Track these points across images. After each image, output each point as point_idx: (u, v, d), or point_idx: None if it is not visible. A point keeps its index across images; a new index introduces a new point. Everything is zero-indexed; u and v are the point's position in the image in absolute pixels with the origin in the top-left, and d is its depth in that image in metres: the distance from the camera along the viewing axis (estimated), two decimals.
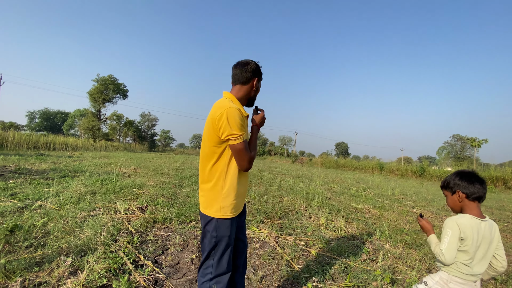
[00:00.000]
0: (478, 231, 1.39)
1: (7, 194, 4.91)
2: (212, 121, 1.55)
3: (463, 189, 1.47)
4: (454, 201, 1.52)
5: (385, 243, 3.87)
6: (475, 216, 1.42)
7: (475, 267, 1.41)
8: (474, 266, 1.41)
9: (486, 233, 1.41)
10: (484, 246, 1.41)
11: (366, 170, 25.74)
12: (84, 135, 39.33)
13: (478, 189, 1.43)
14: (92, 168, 9.77)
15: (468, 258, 1.40)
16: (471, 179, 1.47)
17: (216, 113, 1.54)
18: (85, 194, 5.32)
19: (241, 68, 1.68)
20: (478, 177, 1.48)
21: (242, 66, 1.68)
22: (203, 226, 1.64)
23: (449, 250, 1.39)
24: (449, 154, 53.09)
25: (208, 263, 1.65)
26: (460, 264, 1.41)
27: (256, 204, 5.73)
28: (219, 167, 1.60)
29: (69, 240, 3.02)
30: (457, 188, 1.49)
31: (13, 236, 2.98)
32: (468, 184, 1.46)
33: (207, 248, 1.63)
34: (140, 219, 4.08)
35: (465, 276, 1.41)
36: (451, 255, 1.39)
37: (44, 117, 69.62)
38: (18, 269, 2.35)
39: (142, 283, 2.36)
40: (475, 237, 1.38)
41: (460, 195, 1.48)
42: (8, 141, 18.47)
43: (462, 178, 1.49)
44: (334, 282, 2.66)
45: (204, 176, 1.65)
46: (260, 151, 59.01)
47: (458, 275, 1.42)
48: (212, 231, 1.60)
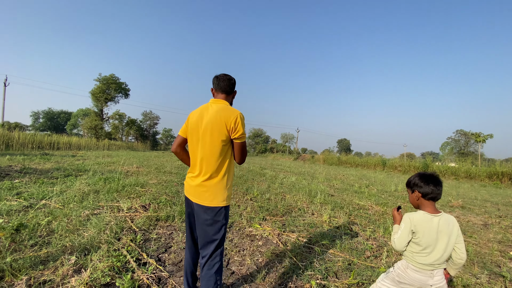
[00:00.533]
0: (431, 226, 1.56)
1: (12, 193, 4.96)
2: (226, 122, 1.77)
3: (419, 189, 1.65)
4: (413, 198, 1.71)
5: (389, 239, 3.85)
6: (427, 212, 1.60)
7: (431, 258, 1.57)
8: (429, 257, 1.57)
9: (443, 227, 1.56)
10: (443, 239, 1.56)
11: (369, 167, 25.63)
12: (87, 135, 39.52)
13: (432, 190, 1.60)
14: (95, 167, 9.83)
15: (421, 249, 1.58)
16: (427, 181, 1.63)
17: (230, 116, 1.78)
18: (88, 193, 5.35)
19: (228, 81, 1.97)
20: (435, 179, 1.63)
21: (229, 80, 1.98)
22: (211, 217, 1.77)
23: (400, 240, 1.63)
24: (453, 150, 52.65)
25: (217, 252, 1.80)
26: (414, 254, 1.61)
27: (258, 202, 5.73)
28: (225, 162, 1.83)
29: (73, 239, 3.04)
30: (415, 188, 1.67)
31: (18, 234, 3.01)
32: (424, 185, 1.62)
33: (218, 237, 1.79)
34: (143, 217, 4.10)
35: (419, 265, 1.59)
36: (401, 244, 1.63)
37: (48, 117, 70.10)
38: (23, 267, 2.37)
39: (145, 281, 2.37)
40: (427, 231, 1.56)
41: (417, 194, 1.66)
42: (14, 141, 18.60)
43: (420, 179, 1.66)
44: (338, 279, 2.65)
45: (212, 172, 1.80)
46: (262, 148, 59.03)
47: (413, 263, 1.62)
48: (222, 219, 1.80)
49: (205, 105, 1.97)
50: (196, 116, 1.90)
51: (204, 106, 1.97)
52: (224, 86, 1.97)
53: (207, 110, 1.89)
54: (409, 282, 1.64)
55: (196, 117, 1.90)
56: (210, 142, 1.80)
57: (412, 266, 1.62)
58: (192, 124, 1.90)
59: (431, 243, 1.56)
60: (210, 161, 1.80)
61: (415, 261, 1.61)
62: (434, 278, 1.59)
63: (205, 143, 1.81)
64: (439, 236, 1.56)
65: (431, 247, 1.57)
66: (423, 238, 1.56)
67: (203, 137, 1.82)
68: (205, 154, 1.81)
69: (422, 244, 1.57)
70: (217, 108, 1.86)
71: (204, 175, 1.80)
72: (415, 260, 1.61)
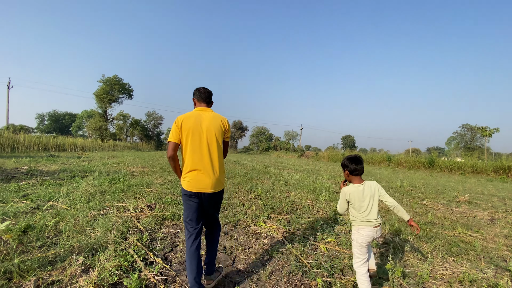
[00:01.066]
0: (359, 193, 2.18)
1: (19, 195, 5.03)
2: (222, 126, 2.28)
3: (347, 168, 2.25)
4: (345, 175, 2.31)
5: (395, 236, 3.82)
6: (355, 184, 2.22)
7: (369, 215, 2.17)
8: (368, 215, 2.17)
9: (367, 191, 2.19)
10: (370, 199, 2.17)
11: (374, 163, 25.48)
12: (92, 136, 39.91)
13: (355, 168, 2.20)
14: (101, 168, 9.92)
15: (358, 211, 2.19)
16: (351, 161, 2.22)
17: (224, 121, 2.32)
18: (94, 194, 5.40)
19: (209, 94, 2.39)
20: (357, 160, 2.23)
21: (209, 93, 2.40)
22: (217, 197, 2.32)
23: (340, 206, 2.33)
24: (459, 145, 52.06)
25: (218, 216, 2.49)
26: (357, 216, 2.21)
27: (263, 200, 5.73)
28: (222, 156, 2.36)
29: (80, 239, 3.07)
30: (345, 167, 2.28)
31: (26, 236, 3.05)
32: (350, 164, 2.22)
33: (219, 207, 2.46)
34: (149, 217, 4.13)
35: (364, 223, 2.18)
36: (341, 209, 2.32)
37: (53, 119, 70.86)
38: (31, 268, 2.40)
39: (152, 280, 2.38)
40: (357, 197, 2.18)
41: (346, 172, 2.27)
42: (19, 144, 18.87)
43: (347, 161, 2.25)
44: (344, 276, 2.64)
45: (218, 164, 2.25)
46: (266, 146, 59.01)
47: (359, 223, 2.21)
48: (222, 196, 2.40)
49: (195, 113, 2.26)
50: (192, 122, 2.18)
51: (194, 113, 2.25)
52: (206, 98, 2.37)
53: (202, 117, 2.23)
54: (364, 240, 2.19)
55: (192, 123, 2.18)
56: (217, 145, 2.23)
57: (360, 226, 2.21)
58: (189, 129, 2.17)
59: (363, 204, 2.17)
60: (219, 161, 2.26)
61: (360, 221, 2.19)
62: (377, 233, 2.20)
63: (214, 147, 2.22)
64: (365, 198, 2.17)
65: (364, 207, 2.17)
66: (356, 203, 2.19)
67: (211, 142, 2.20)
68: (215, 156, 2.23)
69: (356, 207, 2.20)
70: (211, 116, 2.28)
71: (217, 172, 2.23)
72: (360, 220, 2.20)
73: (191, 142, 2.17)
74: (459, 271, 2.81)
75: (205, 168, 2.17)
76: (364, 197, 2.16)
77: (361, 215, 2.18)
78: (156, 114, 57.14)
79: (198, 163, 2.16)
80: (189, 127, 2.17)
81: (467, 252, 3.37)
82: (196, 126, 2.18)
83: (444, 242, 3.70)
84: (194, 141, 2.17)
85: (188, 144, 2.17)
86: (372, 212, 2.16)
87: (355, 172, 2.20)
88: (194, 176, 2.16)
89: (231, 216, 4.48)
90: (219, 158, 2.24)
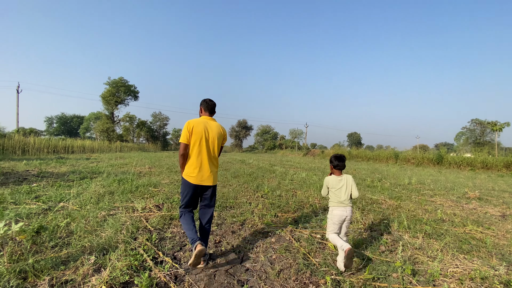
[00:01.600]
0: (337, 183, 2.87)
1: (31, 197, 5.14)
2: (222, 134, 2.91)
3: (332, 163, 2.95)
4: (331, 168, 2.99)
5: (404, 233, 3.79)
6: (336, 176, 2.92)
7: (341, 198, 2.83)
8: (341, 197, 2.83)
9: (343, 182, 2.87)
10: (344, 187, 2.84)
11: (381, 160, 25.19)
12: (100, 137, 40.46)
13: (337, 164, 2.90)
14: (109, 169, 10.06)
15: (335, 195, 2.87)
16: (336, 159, 2.92)
17: (224, 130, 2.96)
18: (103, 194, 5.48)
19: (214, 106, 2.93)
20: (340, 158, 2.92)
21: (214, 105, 2.93)
22: (212, 190, 2.86)
23: (322, 190, 3.03)
24: (468, 140, 51.12)
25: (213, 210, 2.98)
26: (333, 198, 2.89)
27: (269, 199, 5.74)
28: (217, 158, 2.93)
29: (91, 239, 3.13)
30: (331, 162, 2.97)
31: (39, 236, 3.12)
32: (334, 161, 2.92)
33: (215, 198, 2.94)
34: (157, 216, 4.18)
35: (337, 204, 2.85)
36: (323, 192, 3.01)
37: (61, 121, 72.05)
38: (45, 268, 2.46)
39: (162, 279, 2.42)
40: (336, 185, 2.87)
41: (330, 166, 2.98)
42: (30, 146, 19.27)
43: (333, 158, 2.94)
44: (353, 274, 2.63)
45: (217, 166, 2.92)
46: (271, 145, 58.92)
47: (334, 204, 2.87)
48: (216, 190, 2.96)
49: (203, 120, 2.79)
50: (201, 128, 2.70)
51: (203, 121, 2.79)
52: (211, 109, 2.92)
53: (209, 124, 2.79)
54: (337, 219, 2.82)
55: (201, 129, 2.70)
56: (217, 149, 2.85)
57: (334, 206, 2.87)
58: (198, 133, 2.68)
59: (338, 190, 2.85)
60: (216, 160, 2.89)
61: (335, 202, 2.86)
62: (347, 212, 2.82)
63: (215, 150, 2.83)
64: (341, 186, 2.85)
65: (339, 192, 2.85)
66: (333, 188, 2.89)
67: (213, 145, 2.80)
68: (214, 156, 2.85)
69: (334, 192, 2.88)
70: (215, 125, 2.86)
71: (214, 169, 2.85)
72: (334, 201, 2.87)
73: (199, 145, 2.69)
74: (470, 268, 2.77)
75: (207, 167, 2.75)
76: (340, 185, 2.85)
77: (336, 198, 2.85)
78: (161, 115, 57.68)
79: (202, 163, 2.72)
80: (198, 132, 2.68)
81: (478, 249, 3.32)
82: (205, 133, 2.72)
83: (454, 239, 3.65)
84: (201, 145, 2.70)
85: (195, 146, 2.69)
86: (345, 196, 2.82)
87: (337, 167, 2.91)
88: (198, 173, 2.70)
89: (238, 215, 4.50)
90: (217, 160, 2.91)
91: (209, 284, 2.41)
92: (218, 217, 4.38)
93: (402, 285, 2.41)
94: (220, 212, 4.67)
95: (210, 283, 2.43)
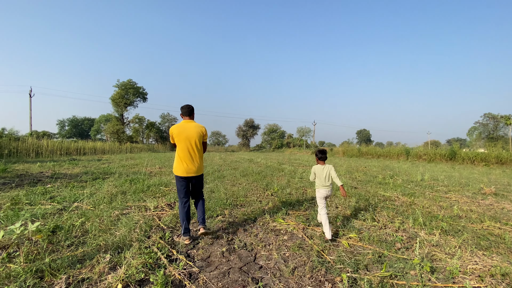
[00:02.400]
0: (321, 170, 3.60)
1: (46, 197, 5.26)
2: (201, 132, 3.38)
3: (317, 156, 3.69)
4: (316, 160, 3.71)
5: (419, 230, 3.70)
6: (320, 165, 3.63)
7: (324, 182, 3.54)
8: (323, 181, 3.54)
9: (326, 170, 3.58)
10: (327, 175, 3.55)
11: (391, 157, 24.77)
12: (110, 139, 41.10)
13: (320, 156, 3.65)
14: (121, 170, 10.21)
15: (319, 179, 3.58)
16: (320, 152, 3.67)
17: (203, 128, 3.42)
18: (116, 194, 5.56)
19: (191, 110, 3.44)
20: (323, 152, 3.68)
21: (192, 109, 3.45)
22: (199, 179, 3.48)
23: (310, 176, 3.75)
24: (481, 135, 49.81)
25: (203, 192, 3.66)
26: (318, 182, 3.60)
27: (280, 197, 5.71)
28: (202, 153, 3.49)
29: (106, 238, 3.17)
30: (316, 155, 3.71)
31: (55, 236, 3.18)
32: (318, 154, 3.68)
33: (203, 185, 3.62)
34: (169, 215, 4.21)
35: (321, 186, 3.56)
36: (311, 178, 3.74)
37: (73, 124, 73.66)
38: (62, 267, 2.50)
39: (177, 277, 2.42)
40: (319, 172, 3.60)
41: (316, 158, 3.70)
42: (43, 149, 19.74)
43: (318, 152, 3.69)
44: (368, 271, 2.58)
45: (198, 158, 3.40)
46: (278, 144, 58.74)
47: (319, 187, 3.59)
48: (203, 179, 3.61)
49: (182, 124, 3.34)
50: (179, 131, 3.29)
51: (181, 125, 3.34)
52: (189, 113, 3.43)
53: (186, 127, 3.32)
54: (322, 195, 3.57)
55: (180, 132, 3.29)
56: (196, 146, 3.35)
57: (319, 188, 3.60)
58: (180, 134, 3.28)
59: (321, 176, 3.57)
60: (198, 155, 3.40)
61: (320, 185, 3.59)
62: (328, 192, 3.56)
63: (194, 147, 3.33)
64: (324, 173, 3.57)
65: (321, 177, 3.57)
66: (317, 175, 3.62)
67: (192, 143, 3.31)
68: (196, 153, 3.36)
69: (318, 177, 3.61)
70: (193, 125, 3.36)
71: (198, 162, 3.39)
72: (320, 184, 3.59)
73: (180, 145, 3.30)
74: (490, 265, 2.68)
75: (190, 160, 3.31)
76: (323, 172, 3.60)
77: (320, 182, 3.60)
78: (170, 115, 58.33)
79: (185, 158, 3.30)
80: (177, 135, 3.29)
81: (497, 245, 3.22)
82: (182, 135, 3.29)
83: (472, 235, 3.55)
84: (181, 144, 3.30)
85: (179, 145, 3.31)
86: (326, 180, 3.57)
87: (321, 158, 3.69)
88: (185, 166, 3.29)
89: (249, 213, 4.48)
90: (198, 154, 3.39)
91: (224, 281, 2.40)
92: (230, 215, 4.38)
93: (421, 283, 2.35)
94: (231, 210, 4.67)
95: (225, 280, 2.42)
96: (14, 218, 3.81)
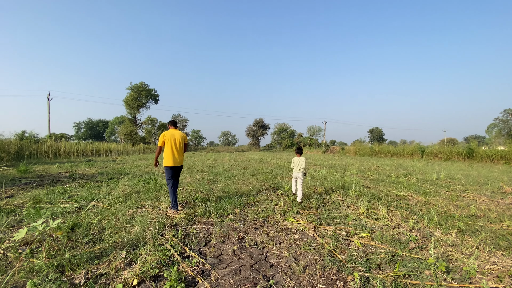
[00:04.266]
0: (297, 160, 5.47)
1: (65, 196, 5.47)
2: (184, 136, 4.86)
3: (296, 152, 5.67)
4: (296, 153, 5.68)
5: (434, 230, 3.61)
6: (296, 157, 5.56)
7: (297, 168, 5.41)
8: (296, 167, 5.42)
9: (300, 160, 5.43)
10: (299, 164, 5.39)
11: (405, 155, 24.19)
12: (124, 140, 42.12)
13: (298, 150, 5.64)
14: (134, 170, 10.47)
15: (293, 167, 5.52)
16: (297, 148, 5.66)
17: (184, 135, 4.87)
18: (130, 193, 5.72)
19: (176, 123, 5.00)
20: (298, 148, 5.63)
21: (176, 122, 5.03)
22: (181, 168, 4.84)
23: (291, 164, 5.73)
24: (501, 132, 47.86)
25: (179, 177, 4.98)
26: (294, 168, 5.50)
27: (290, 196, 5.70)
28: (183, 150, 4.90)
29: (121, 235, 3.28)
30: (295, 151, 5.68)
31: (74, 233, 3.31)
32: (296, 150, 5.68)
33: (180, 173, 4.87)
34: (181, 213, 4.28)
35: (295, 170, 5.45)
36: (291, 165, 5.67)
37: (88, 126, 75.96)
38: (81, 262, 2.61)
39: (190, 273, 2.48)
40: (295, 161, 5.50)
41: (296, 152, 5.67)
42: (61, 151, 20.48)
43: (296, 148, 5.67)
44: (381, 271, 2.55)
45: (182, 154, 4.82)
46: (289, 143, 58.42)
47: (293, 171, 5.52)
48: (182, 167, 4.94)
49: (171, 131, 4.72)
50: (169, 135, 4.63)
51: (170, 132, 4.71)
52: (175, 124, 4.95)
53: (174, 132, 4.70)
54: (294, 176, 5.46)
55: (170, 136, 4.62)
56: (182, 145, 4.77)
57: (293, 172, 5.45)
58: (170, 137, 4.62)
59: (296, 164, 5.43)
60: (181, 149, 4.76)
61: (295, 169, 5.44)
62: (298, 174, 5.31)
63: (180, 146, 4.71)
64: (298, 162, 5.39)
65: (296, 165, 5.41)
66: (294, 163, 5.50)
67: (178, 144, 4.69)
68: (181, 150, 4.76)
69: (294, 165, 5.48)
70: (178, 132, 4.75)
71: (182, 156, 4.79)
72: (295, 169, 5.44)
73: (170, 145, 4.60)
74: (509, 265, 2.59)
75: (178, 155, 4.66)
76: (298, 162, 5.34)
77: (295, 168, 5.33)
78: (181, 116, 59.04)
79: (173, 154, 4.61)
80: (169, 138, 4.61)
81: None
82: (172, 138, 4.64)
83: (490, 235, 3.44)
84: (171, 143, 4.61)
85: (168, 146, 4.60)
86: (299, 167, 5.30)
87: (297, 152, 5.52)
88: (174, 159, 4.60)
89: (260, 212, 4.51)
90: (181, 151, 4.77)
91: (235, 278, 2.44)
92: (240, 214, 4.42)
93: (436, 283, 2.31)
94: (242, 209, 4.71)
95: (236, 277, 2.45)
96: (36, 216, 3.99)
